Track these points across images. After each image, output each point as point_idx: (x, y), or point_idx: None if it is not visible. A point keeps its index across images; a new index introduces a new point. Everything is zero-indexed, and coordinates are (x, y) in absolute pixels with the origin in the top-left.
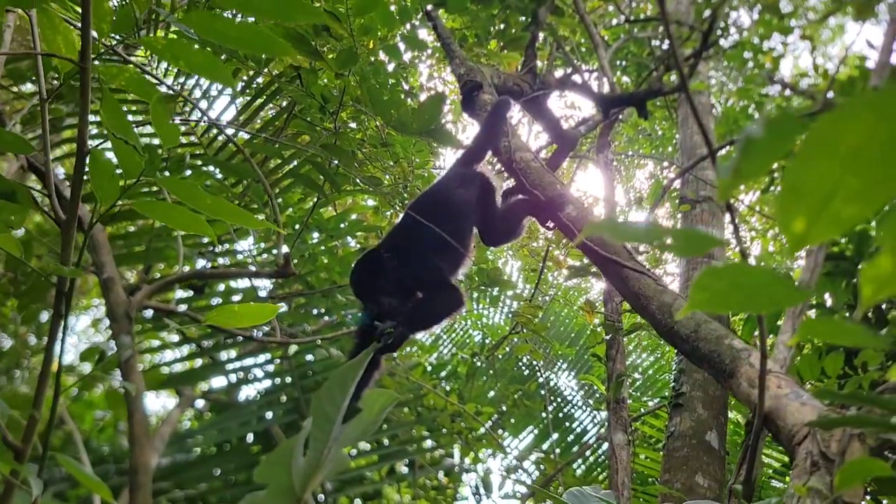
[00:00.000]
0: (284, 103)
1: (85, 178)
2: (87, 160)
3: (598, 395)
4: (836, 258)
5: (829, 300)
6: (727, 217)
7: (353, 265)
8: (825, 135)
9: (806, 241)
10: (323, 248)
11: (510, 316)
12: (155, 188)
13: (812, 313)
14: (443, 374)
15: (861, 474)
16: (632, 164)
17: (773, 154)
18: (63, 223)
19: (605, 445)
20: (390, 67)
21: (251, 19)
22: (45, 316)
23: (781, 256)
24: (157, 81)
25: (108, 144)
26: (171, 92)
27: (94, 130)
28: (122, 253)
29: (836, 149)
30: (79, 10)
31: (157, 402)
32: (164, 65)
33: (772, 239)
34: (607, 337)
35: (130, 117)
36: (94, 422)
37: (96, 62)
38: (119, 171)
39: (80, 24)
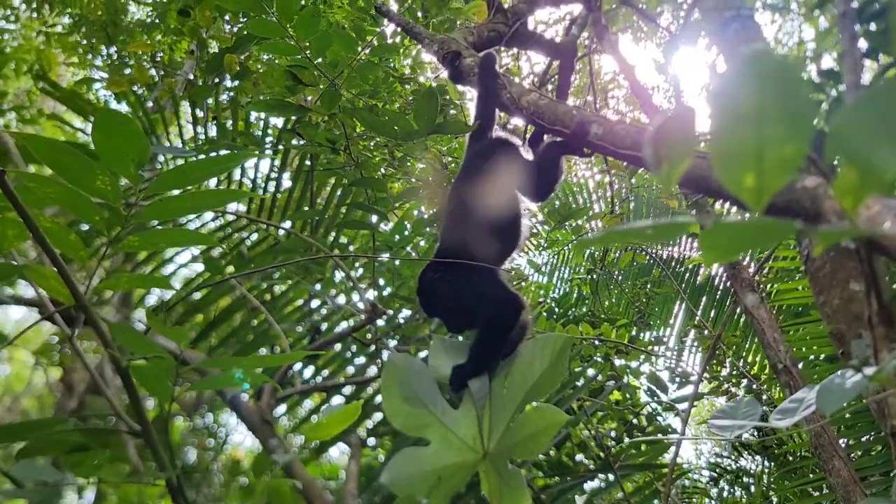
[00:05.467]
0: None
1: None
2: None
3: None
4: None
5: None
6: None
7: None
8: (726, 103)
9: (764, 193)
10: (398, 262)
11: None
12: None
13: None
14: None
15: None
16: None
17: (684, 144)
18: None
19: None
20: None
21: None
22: None
23: None
24: None
25: None
26: None
27: None
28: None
29: (742, 112)
30: None
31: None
32: None
33: None
34: (693, 212)
35: None
36: None
37: None
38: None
39: None
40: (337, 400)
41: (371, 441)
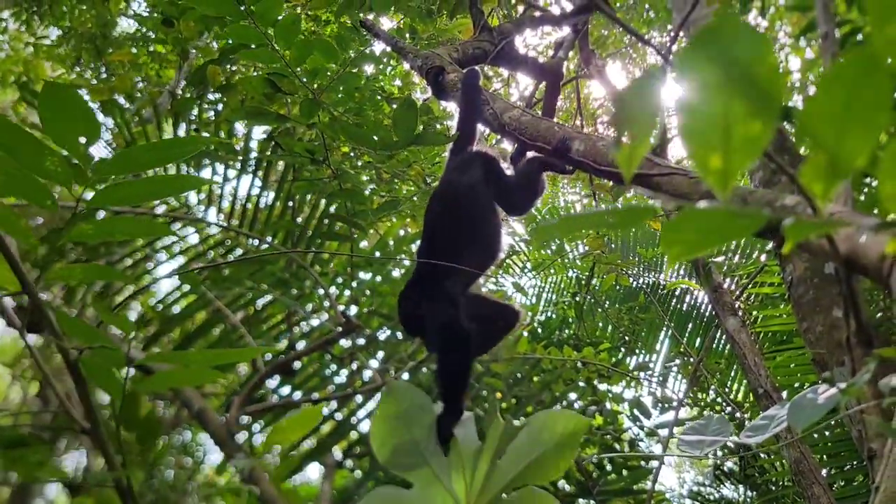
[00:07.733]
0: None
1: None
2: None
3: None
4: None
5: None
6: None
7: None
8: (692, 74)
9: (729, 174)
10: (379, 278)
11: (583, 255)
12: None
13: None
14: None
15: None
16: (636, 50)
17: (646, 115)
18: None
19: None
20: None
21: None
22: None
23: None
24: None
25: None
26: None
27: None
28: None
29: (708, 83)
30: None
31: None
32: None
33: None
34: None
35: None
36: None
37: None
38: None
39: None
40: None
41: (348, 462)
